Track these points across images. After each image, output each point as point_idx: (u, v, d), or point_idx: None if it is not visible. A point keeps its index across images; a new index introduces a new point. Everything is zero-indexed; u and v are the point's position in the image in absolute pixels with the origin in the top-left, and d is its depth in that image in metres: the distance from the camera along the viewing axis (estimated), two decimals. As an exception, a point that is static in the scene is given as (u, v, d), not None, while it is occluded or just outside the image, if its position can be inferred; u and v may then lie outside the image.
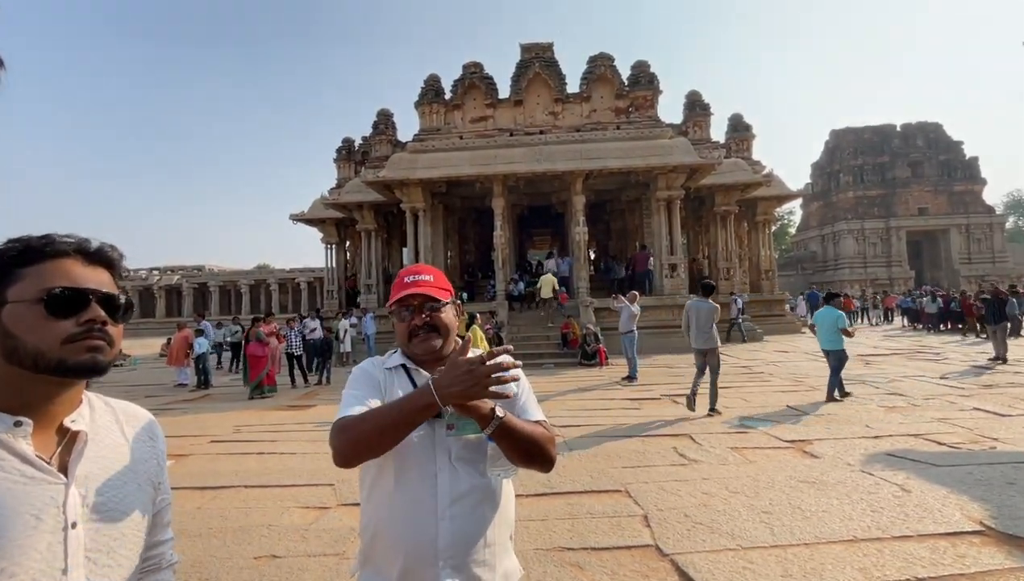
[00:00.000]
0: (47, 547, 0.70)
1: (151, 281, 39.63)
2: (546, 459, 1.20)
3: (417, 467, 1.16)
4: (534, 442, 1.17)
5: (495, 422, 1.10)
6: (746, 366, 10.97)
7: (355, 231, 20.04)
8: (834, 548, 3.00)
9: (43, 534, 0.70)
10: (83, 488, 0.75)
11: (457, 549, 1.13)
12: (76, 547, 0.72)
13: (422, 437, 1.18)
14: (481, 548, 1.15)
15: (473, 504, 1.17)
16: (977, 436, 5.20)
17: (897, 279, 34.96)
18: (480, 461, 1.19)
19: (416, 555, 1.12)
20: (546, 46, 17.24)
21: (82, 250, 0.79)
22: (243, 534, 3.47)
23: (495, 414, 1.11)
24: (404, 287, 1.28)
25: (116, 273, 0.83)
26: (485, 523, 1.18)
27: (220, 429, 6.75)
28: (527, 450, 1.16)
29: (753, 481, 4.12)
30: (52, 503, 0.72)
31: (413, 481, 1.16)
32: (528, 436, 1.17)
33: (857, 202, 37.47)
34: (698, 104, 19.93)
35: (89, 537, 0.74)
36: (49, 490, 0.72)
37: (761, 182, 18.10)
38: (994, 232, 36.49)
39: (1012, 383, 8.06)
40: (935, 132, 38.35)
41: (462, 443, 1.18)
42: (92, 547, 0.74)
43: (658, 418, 6.48)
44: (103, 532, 0.76)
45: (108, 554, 0.76)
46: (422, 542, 1.12)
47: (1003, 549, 2.93)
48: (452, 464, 1.17)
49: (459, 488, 1.16)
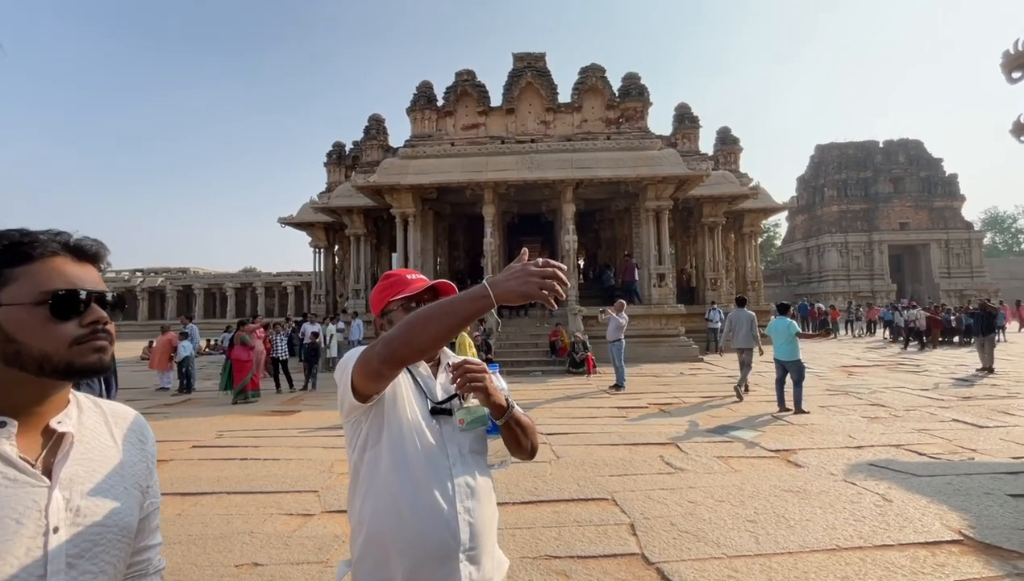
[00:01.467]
0: (26, 552, 0.68)
1: (133, 283, 38.95)
2: (535, 447, 1.34)
3: (430, 464, 1.17)
4: (531, 430, 1.31)
5: (509, 410, 1.24)
6: (732, 376, 11.07)
7: (344, 236, 19.92)
8: (817, 557, 3.03)
9: (22, 539, 0.68)
10: (67, 491, 0.74)
11: (475, 541, 1.16)
12: (57, 552, 0.70)
13: (433, 433, 1.20)
14: (489, 537, 1.20)
15: (483, 496, 1.21)
16: (956, 447, 5.30)
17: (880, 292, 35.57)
18: (484, 453, 1.26)
19: (433, 550, 1.12)
20: (538, 56, 17.40)
21: (69, 247, 0.77)
22: (224, 541, 3.41)
23: (509, 403, 1.24)
24: (410, 283, 1.31)
25: (100, 268, 0.82)
26: (492, 513, 1.23)
27: (202, 434, 6.64)
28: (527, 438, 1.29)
29: (738, 490, 4.16)
30: (34, 507, 0.70)
31: (428, 478, 1.16)
32: (527, 425, 1.29)
33: (841, 216, 38.16)
34: (687, 116, 20.22)
35: (71, 542, 0.72)
36: (32, 493, 0.70)
37: (748, 194, 18.38)
38: (972, 247, 37.35)
39: (989, 395, 8.23)
40: (916, 149, 39.28)
41: (471, 437, 1.24)
42: (74, 552, 0.72)
43: (645, 427, 6.50)
44: (86, 537, 0.74)
45: (91, 560, 0.74)
46: (443, 537, 1.13)
47: (981, 558, 2.98)
48: (464, 458, 1.21)
49: (473, 481, 1.20)
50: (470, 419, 1.20)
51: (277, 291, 38.80)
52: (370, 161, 19.09)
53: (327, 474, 4.81)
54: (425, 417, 1.22)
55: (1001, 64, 7.07)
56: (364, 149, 20.19)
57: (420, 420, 1.21)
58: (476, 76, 17.42)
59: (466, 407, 1.20)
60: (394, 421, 1.19)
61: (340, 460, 5.18)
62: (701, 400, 8.33)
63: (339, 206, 18.36)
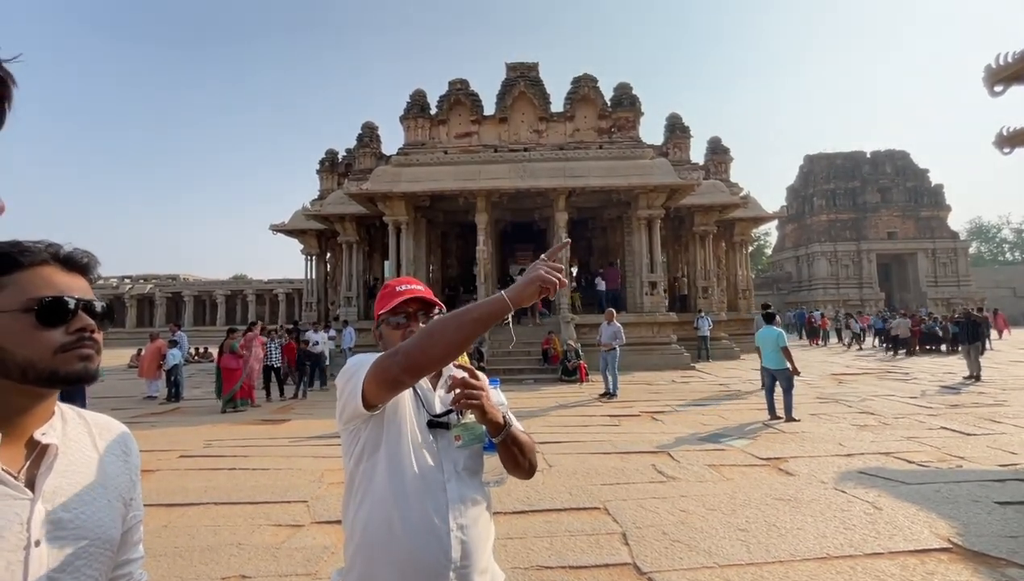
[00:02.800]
0: (5, 566, 0.67)
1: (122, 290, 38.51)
2: (533, 465, 1.28)
3: (424, 478, 1.16)
4: (529, 448, 1.26)
5: (506, 429, 1.19)
6: (723, 384, 11.12)
7: (337, 243, 19.86)
8: (808, 565, 3.04)
9: (3, 552, 0.67)
10: (50, 504, 0.73)
11: (467, 560, 1.13)
12: (38, 566, 0.69)
13: (429, 447, 1.19)
14: (482, 556, 1.17)
15: (477, 513, 1.19)
16: (944, 455, 5.34)
17: (868, 300, 36.00)
18: (480, 471, 1.23)
19: (423, 566, 1.11)
20: (531, 65, 17.55)
21: (59, 257, 0.78)
22: (212, 553, 3.35)
23: (507, 422, 1.19)
24: (397, 295, 1.28)
25: (90, 279, 0.82)
26: (486, 531, 1.21)
27: (190, 444, 6.55)
28: (524, 456, 1.24)
29: (730, 498, 4.16)
30: (16, 519, 0.69)
31: (421, 492, 1.14)
32: (526, 443, 1.25)
33: (830, 225, 38.65)
34: (678, 126, 20.45)
35: (52, 556, 0.71)
36: (14, 506, 0.69)
37: (739, 203, 18.57)
38: (959, 256, 37.94)
39: (976, 403, 8.32)
40: (903, 160, 39.96)
41: (468, 454, 1.21)
42: (56, 566, 0.71)
43: (637, 435, 6.51)
44: (68, 550, 0.73)
45: (72, 574, 0.73)
46: (433, 553, 1.11)
47: (969, 566, 3.00)
48: (459, 474, 1.19)
49: (467, 498, 1.18)
50: (467, 436, 1.18)
51: (268, 298, 38.52)
52: (363, 169, 19.09)
53: (317, 484, 4.76)
54: (423, 430, 1.20)
55: (983, 78, 7.23)
56: (357, 157, 20.20)
57: (418, 433, 1.20)
58: (469, 85, 17.52)
59: (463, 423, 1.18)
60: (392, 432, 1.18)
61: (330, 470, 5.13)
62: (693, 408, 8.34)
63: (331, 213, 18.31)
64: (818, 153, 41.25)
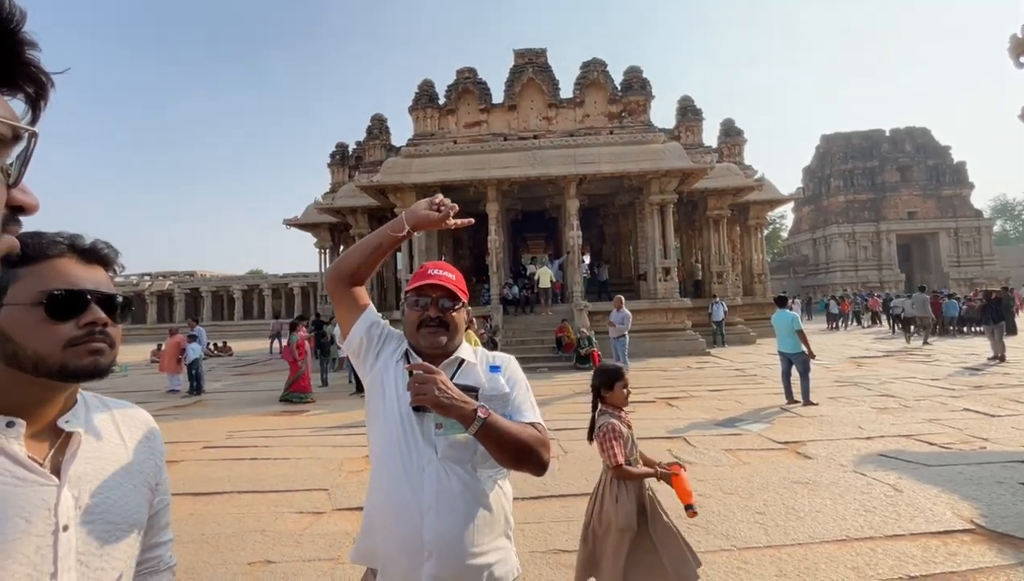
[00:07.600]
0: (35, 550, 0.68)
1: (142, 287, 39.27)
2: (536, 462, 1.17)
3: (403, 462, 1.19)
4: (522, 444, 1.15)
5: (477, 423, 1.10)
6: (740, 369, 11.03)
7: (349, 236, 19.99)
8: (827, 548, 3.02)
9: (31, 537, 0.68)
10: (76, 490, 0.74)
11: (442, 542, 1.14)
12: (67, 550, 0.71)
13: (412, 433, 1.21)
14: (468, 544, 1.15)
15: (463, 502, 1.17)
16: (967, 436, 5.25)
17: (888, 282, 35.27)
18: (470, 460, 1.20)
19: (401, 543, 1.16)
20: (539, 52, 17.34)
21: (76, 248, 0.77)
22: (236, 540, 3.44)
23: (477, 415, 1.10)
24: (427, 277, 1.30)
25: (112, 271, 0.82)
26: (472, 520, 1.17)
27: (213, 435, 6.69)
28: (514, 452, 1.14)
29: (747, 482, 4.14)
30: (43, 505, 0.70)
31: (401, 475, 1.19)
32: (514, 438, 1.14)
33: (848, 206, 37.82)
34: (690, 109, 20.10)
35: (81, 540, 0.72)
36: (41, 492, 0.70)
37: (753, 186, 18.24)
38: (982, 235, 36.94)
39: (1001, 384, 8.15)
40: (923, 137, 38.84)
41: (449, 442, 1.19)
42: (84, 550, 0.73)
43: (653, 421, 6.49)
44: (96, 534, 0.74)
45: (101, 557, 0.74)
46: (408, 531, 1.15)
47: (993, 547, 2.96)
48: (441, 459, 1.19)
49: (446, 484, 1.17)
50: (448, 423, 1.16)
51: (284, 292, 38.98)
52: (373, 161, 19.13)
53: (337, 472, 4.84)
54: (409, 413, 1.21)
55: (1009, 48, 6.97)
56: (367, 149, 20.23)
57: (404, 415, 1.22)
58: (477, 74, 17.39)
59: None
60: (382, 411, 1.25)
61: (349, 459, 5.21)
62: (709, 394, 8.30)
63: (343, 206, 18.41)
64: (835, 133, 40.27)
